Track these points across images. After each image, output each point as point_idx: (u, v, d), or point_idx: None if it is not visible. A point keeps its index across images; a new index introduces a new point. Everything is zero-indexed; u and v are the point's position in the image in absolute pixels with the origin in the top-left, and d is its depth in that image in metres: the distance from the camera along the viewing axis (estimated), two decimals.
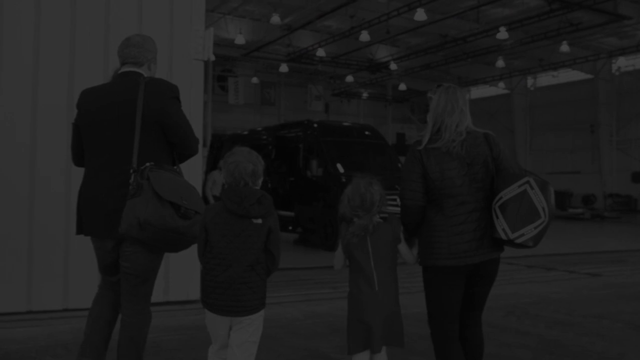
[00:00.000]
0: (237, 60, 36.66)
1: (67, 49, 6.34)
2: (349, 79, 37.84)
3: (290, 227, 14.46)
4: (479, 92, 42.32)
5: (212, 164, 17.15)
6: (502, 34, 26.30)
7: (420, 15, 25.27)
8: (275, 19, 28.42)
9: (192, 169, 6.12)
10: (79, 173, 6.00)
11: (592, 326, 6.39)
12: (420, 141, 3.48)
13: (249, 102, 38.27)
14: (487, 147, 3.45)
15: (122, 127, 3.49)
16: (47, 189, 6.20)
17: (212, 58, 6.82)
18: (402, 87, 39.74)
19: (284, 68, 35.55)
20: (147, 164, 3.41)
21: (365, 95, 41.46)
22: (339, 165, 13.50)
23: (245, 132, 18.20)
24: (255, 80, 38.70)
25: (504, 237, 3.27)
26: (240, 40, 31.02)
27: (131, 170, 3.41)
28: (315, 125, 14.73)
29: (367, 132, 15.31)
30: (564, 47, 28.46)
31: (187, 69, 6.73)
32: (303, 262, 10.66)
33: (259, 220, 3.29)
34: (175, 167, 3.68)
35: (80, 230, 3.68)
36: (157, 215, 3.29)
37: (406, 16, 25.94)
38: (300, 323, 6.18)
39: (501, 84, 38.31)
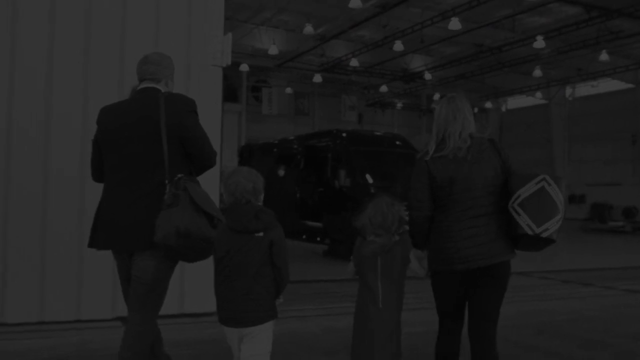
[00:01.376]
0: (271, 71, 36.73)
1: (81, 54, 6.21)
2: (383, 89, 37.59)
3: (318, 238, 14.19)
4: (515, 102, 41.71)
5: None
6: (539, 42, 25.86)
7: (454, 24, 24.95)
8: (309, 29, 28.40)
9: (210, 181, 5.92)
10: (93, 182, 6.00)
11: (629, 347, 6.01)
12: (427, 151, 3.58)
13: (282, 113, 38.26)
14: (494, 151, 3.56)
15: (141, 144, 3.59)
16: (61, 197, 6.07)
17: (229, 63, 6.63)
18: (437, 97, 39.28)
19: (317, 78, 35.49)
20: (180, 175, 3.52)
21: (399, 105, 41.14)
22: (367, 176, 13.22)
23: (275, 142, 18.03)
24: (289, 90, 38.71)
25: (529, 232, 3.34)
26: (273, 50, 31.07)
27: (166, 182, 3.50)
28: (344, 134, 14.49)
29: (397, 142, 15.00)
30: (604, 56, 27.83)
31: (205, 75, 6.56)
32: (330, 274, 10.40)
33: (260, 234, 3.41)
34: (194, 179, 3.76)
35: (92, 243, 3.75)
36: (195, 225, 3.42)
37: (440, 25, 25.65)
38: (317, 339, 5.93)
39: (538, 94, 37.64)
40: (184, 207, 3.43)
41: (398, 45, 28.73)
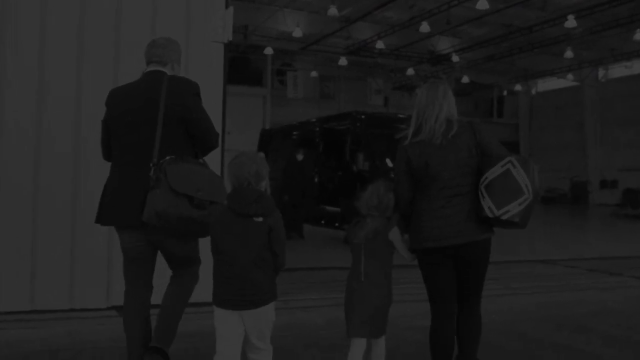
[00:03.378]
0: (296, 54, 36.40)
1: (75, 27, 5.89)
2: (410, 71, 36.98)
3: (337, 224, 13.79)
4: (546, 84, 40.80)
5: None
6: (571, 22, 25.14)
7: (482, 4, 24.26)
8: (333, 10, 27.90)
9: (213, 162, 5.65)
10: (85, 166, 5.74)
11: None
12: (406, 136, 3.74)
13: (308, 96, 37.94)
14: (471, 133, 3.66)
15: (146, 125, 3.74)
16: (51, 183, 5.80)
17: (230, 39, 6.28)
18: (465, 79, 38.62)
19: (343, 61, 35.05)
20: (167, 158, 3.66)
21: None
22: (387, 160, 12.76)
23: (294, 125, 17.64)
24: (314, 74, 38.34)
25: (490, 214, 3.48)
26: (297, 33, 30.69)
27: (151, 164, 3.66)
28: (363, 116, 14.02)
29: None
30: (638, 35, 26.83)
31: (206, 52, 6.22)
32: (344, 261, 10.03)
33: (260, 219, 3.43)
34: (200, 160, 3.93)
35: (99, 219, 3.93)
36: (172, 207, 3.58)
37: (468, 5, 25.01)
38: (320, 333, 5.60)
39: (570, 76, 36.69)
40: (164, 189, 3.59)
41: (424, 27, 28.12)
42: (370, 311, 3.74)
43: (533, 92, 42.41)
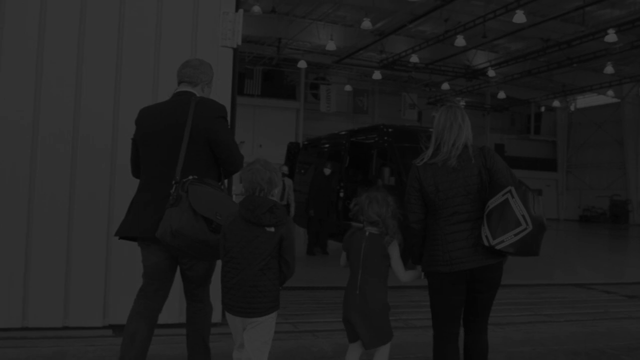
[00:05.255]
0: (331, 68, 36.24)
1: (76, 29, 5.60)
2: (445, 86, 36.49)
3: None
4: (585, 101, 39.93)
5: (288, 172, 16.28)
6: (611, 36, 24.57)
7: (519, 17, 23.81)
8: (367, 23, 27.71)
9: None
10: (81, 183, 5.44)
11: None
12: (422, 157, 3.73)
13: (341, 110, 37.74)
14: (482, 159, 3.64)
15: (173, 145, 3.81)
16: (47, 196, 5.50)
17: (239, 43, 5.92)
18: (502, 95, 37.98)
19: (377, 75, 34.76)
20: (190, 177, 3.70)
21: (462, 103, 39.79)
22: None
23: (322, 138, 17.26)
24: (348, 88, 38.10)
25: (486, 243, 3.48)
26: (331, 46, 30.52)
27: (173, 182, 3.71)
28: (390, 130, 13.55)
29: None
30: None
31: (214, 57, 5.80)
32: None
33: (272, 229, 3.48)
34: (220, 183, 3.99)
35: (120, 232, 3.95)
36: (189, 227, 3.58)
37: (504, 19, 24.57)
38: None
39: (610, 92, 35.88)
40: (183, 208, 3.60)
41: (460, 41, 27.73)
42: (369, 321, 3.79)
43: (572, 108, 41.53)
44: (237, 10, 5.97)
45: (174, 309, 5.04)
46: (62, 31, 5.61)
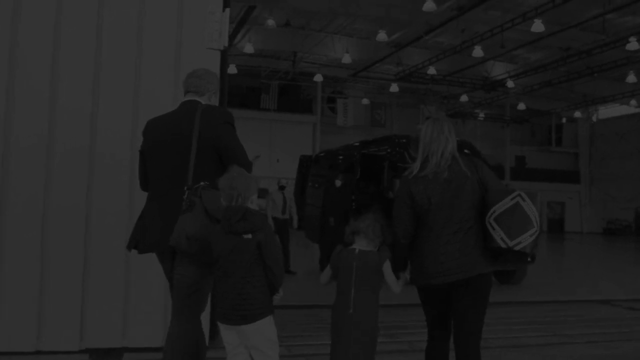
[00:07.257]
0: (347, 82, 36.02)
1: (51, 29, 5.27)
2: (463, 98, 36.07)
3: None
4: (607, 111, 39.29)
5: (299, 185, 15.94)
6: (632, 44, 24.18)
7: (537, 26, 23.39)
8: (382, 35, 27.45)
9: None
10: (55, 196, 5.08)
11: None
12: (412, 171, 3.75)
13: (358, 124, 37.46)
14: (473, 169, 3.70)
15: (181, 154, 3.82)
16: (19, 213, 5.18)
17: (226, 45, 5.55)
18: (521, 106, 37.44)
19: (394, 88, 34.47)
20: (202, 183, 3.71)
21: (481, 115, 39.35)
22: None
23: (333, 150, 16.87)
24: (365, 101, 37.82)
25: (503, 245, 3.50)
26: (347, 59, 30.31)
27: (185, 188, 3.71)
28: (403, 140, 13.11)
29: (464, 150, 13.47)
30: None
31: (200, 60, 5.43)
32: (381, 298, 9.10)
33: (249, 236, 3.51)
34: None
35: (132, 246, 3.99)
36: (204, 231, 3.58)
37: (522, 28, 24.14)
38: None
39: (633, 102, 35.19)
40: (197, 213, 3.63)
41: (477, 51, 27.33)
42: (361, 343, 3.76)
43: (594, 119, 40.88)
44: (224, 10, 5.60)
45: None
46: (35, 32, 5.30)
